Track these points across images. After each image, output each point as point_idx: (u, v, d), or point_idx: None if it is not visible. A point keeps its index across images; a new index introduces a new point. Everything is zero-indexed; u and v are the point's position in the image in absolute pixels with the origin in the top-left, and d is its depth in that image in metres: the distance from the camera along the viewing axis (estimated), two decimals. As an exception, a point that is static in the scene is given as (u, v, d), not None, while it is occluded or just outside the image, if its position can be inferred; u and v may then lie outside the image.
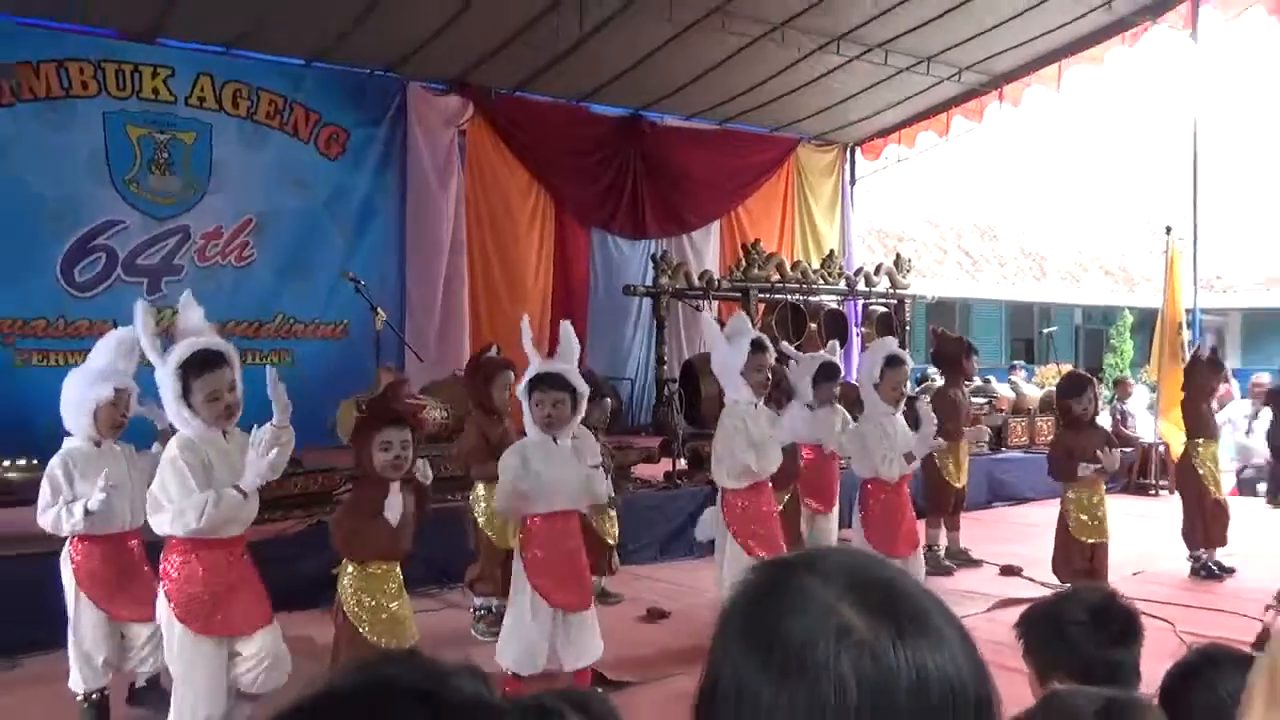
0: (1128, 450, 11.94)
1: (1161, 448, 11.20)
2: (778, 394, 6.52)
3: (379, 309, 7.57)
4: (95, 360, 4.46)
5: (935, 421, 6.03)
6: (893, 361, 5.86)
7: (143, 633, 4.33)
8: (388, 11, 9.57)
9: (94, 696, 4.33)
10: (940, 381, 8.41)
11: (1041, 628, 2.50)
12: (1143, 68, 15.02)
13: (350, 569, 4.16)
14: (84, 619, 4.27)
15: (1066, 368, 18.31)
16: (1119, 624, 2.44)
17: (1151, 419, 11.72)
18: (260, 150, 10.23)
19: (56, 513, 4.20)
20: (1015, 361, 14.44)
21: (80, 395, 4.34)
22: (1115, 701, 1.81)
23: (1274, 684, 1.09)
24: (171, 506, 3.77)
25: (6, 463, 6.95)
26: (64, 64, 9.24)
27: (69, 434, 4.39)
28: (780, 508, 6.12)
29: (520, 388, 4.66)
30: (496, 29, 10.19)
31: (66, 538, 4.32)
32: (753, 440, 5.37)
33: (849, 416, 6.92)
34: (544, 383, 4.55)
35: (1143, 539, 8.11)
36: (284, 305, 10.29)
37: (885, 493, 5.83)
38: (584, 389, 4.64)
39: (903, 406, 6.07)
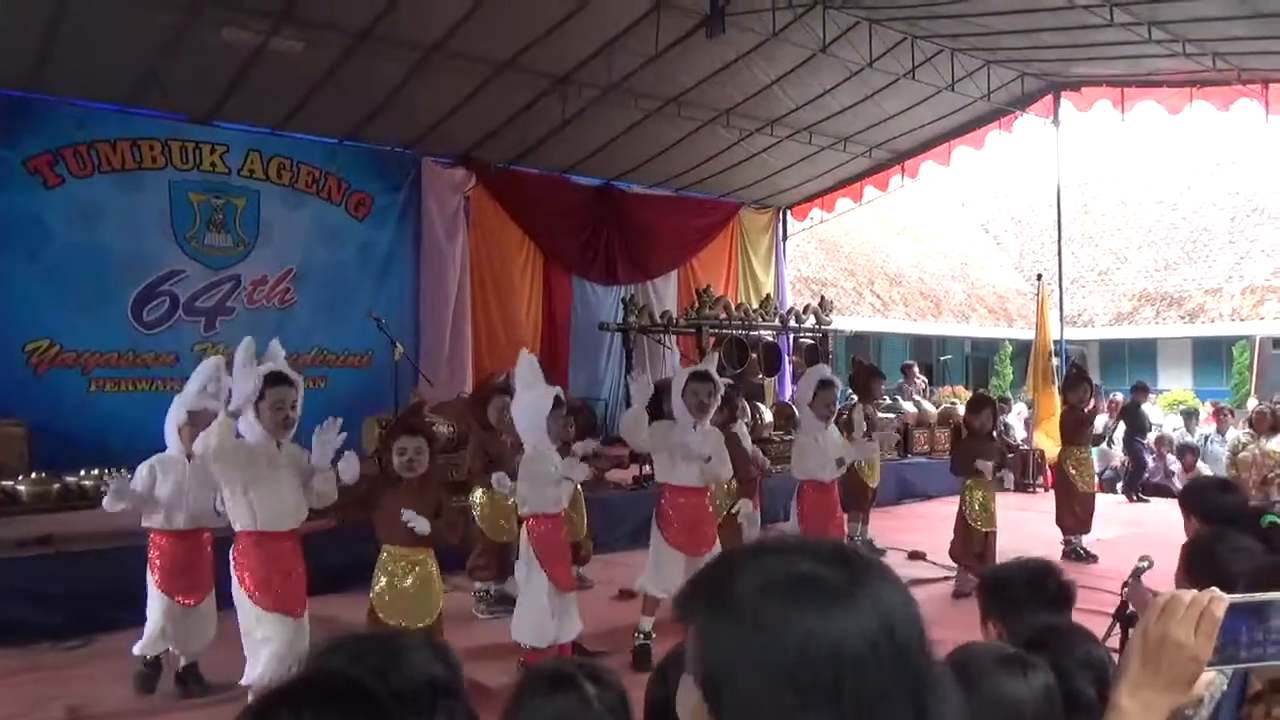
0: (1010, 456, 12.04)
1: (1037, 454, 11.28)
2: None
3: (398, 343, 7.50)
4: (186, 388, 4.43)
5: (865, 431, 6.03)
6: (824, 384, 5.85)
7: (194, 615, 4.27)
8: (405, 101, 9.57)
9: (148, 658, 4.31)
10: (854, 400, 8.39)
11: (992, 591, 2.42)
12: (1016, 146, 15.25)
13: (382, 550, 4.10)
14: (152, 597, 4.22)
15: (960, 389, 18.53)
16: (1053, 590, 2.35)
17: (1026, 430, 11.83)
18: (300, 212, 10.15)
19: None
20: (922, 379, 14.48)
21: (169, 418, 4.38)
22: (1012, 656, 1.76)
23: (1145, 645, 1.08)
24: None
25: (82, 472, 6.82)
26: (137, 142, 9.15)
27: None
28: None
29: (541, 409, 4.52)
30: (494, 115, 10.19)
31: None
32: (671, 451, 5.00)
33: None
34: (559, 405, 4.52)
35: (1023, 528, 8.14)
36: (319, 340, 10.16)
37: (818, 492, 5.82)
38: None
39: (832, 420, 6.03)
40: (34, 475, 5.61)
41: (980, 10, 8.74)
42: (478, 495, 5.81)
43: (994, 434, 6.67)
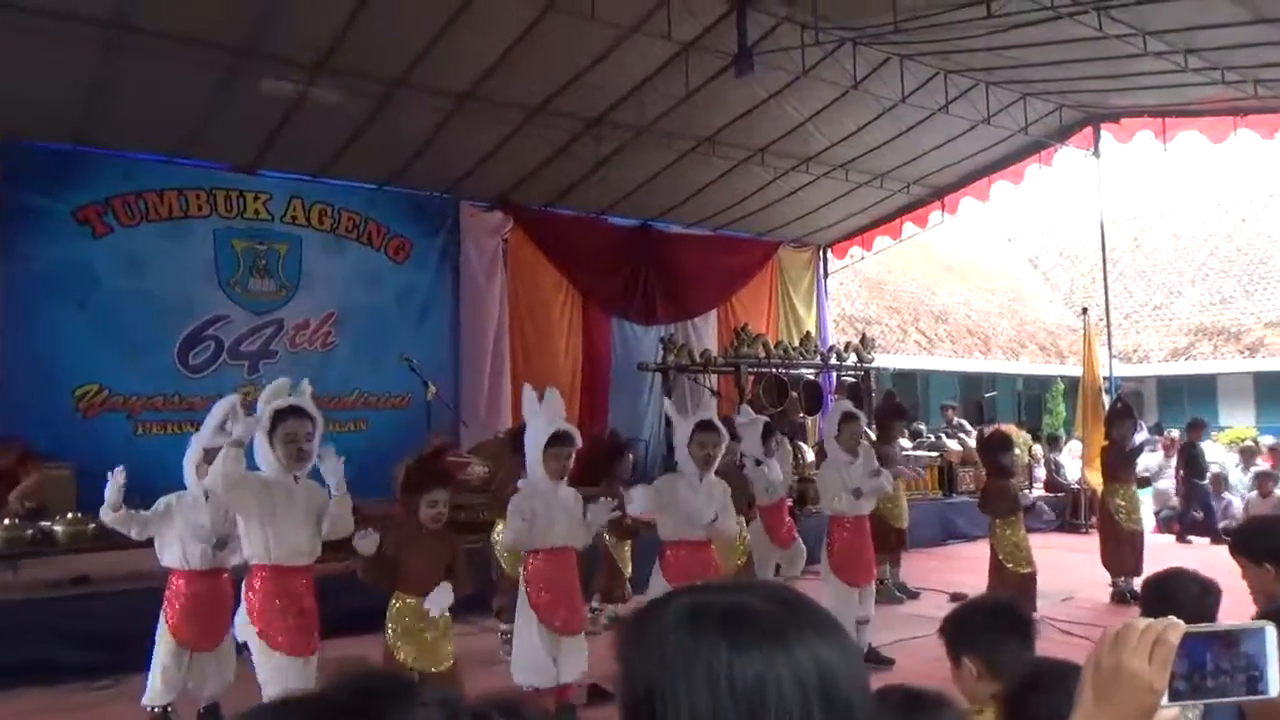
0: (1060, 494, 11.70)
1: (1088, 492, 10.95)
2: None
3: (430, 383, 7.53)
4: (203, 426, 4.45)
5: (874, 469, 5.88)
6: (848, 417, 5.74)
7: (210, 659, 4.23)
8: (441, 147, 9.72)
9: (157, 710, 4.21)
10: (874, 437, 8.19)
11: (956, 630, 2.45)
12: (1057, 180, 15.03)
13: (394, 599, 4.06)
14: (160, 640, 4.19)
15: (1011, 427, 18.13)
16: (1016, 620, 2.40)
17: (1079, 468, 11.49)
18: (341, 257, 10.31)
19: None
20: (960, 420, 14.17)
21: (188, 455, 4.45)
22: (918, 697, 1.78)
23: (1097, 677, 1.01)
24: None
25: (127, 514, 6.90)
26: (183, 191, 9.39)
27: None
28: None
29: (539, 442, 4.50)
30: (529, 159, 10.30)
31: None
32: (679, 509, 4.84)
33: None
34: (564, 440, 4.46)
35: (1073, 569, 7.87)
36: (360, 383, 10.26)
37: (847, 530, 5.68)
38: (579, 441, 4.54)
39: (861, 455, 5.88)
40: (70, 516, 5.66)
41: (1012, 43, 8.65)
42: (498, 533, 5.77)
43: (1015, 470, 6.47)
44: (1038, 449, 13.48)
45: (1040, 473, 12.72)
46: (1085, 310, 11.32)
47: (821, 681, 0.82)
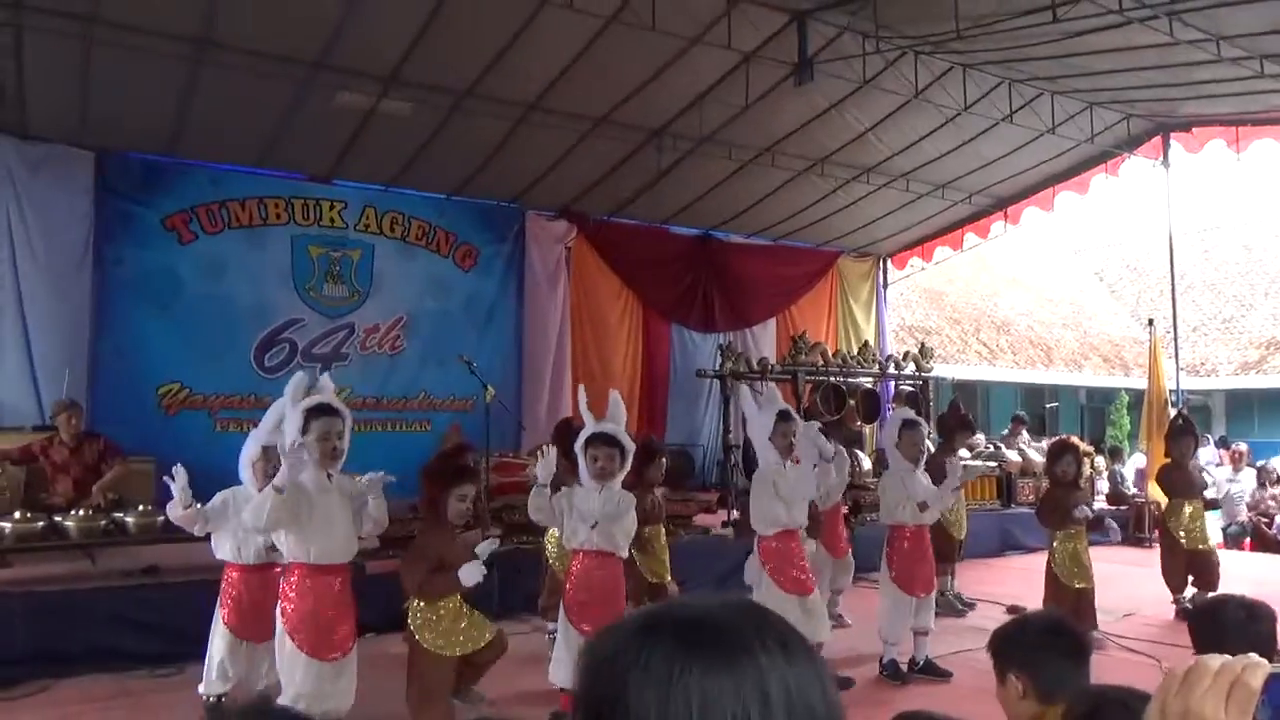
0: (1123, 508, 11.19)
1: (1152, 506, 10.44)
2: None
3: (488, 385, 7.45)
4: (261, 424, 4.41)
5: (958, 477, 5.66)
6: (909, 425, 5.51)
7: (263, 651, 4.19)
8: (508, 157, 9.70)
9: (212, 699, 4.18)
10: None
11: (1006, 645, 2.32)
12: (1124, 190, 14.39)
13: (415, 603, 3.95)
14: (215, 633, 4.16)
15: (1074, 439, 17.49)
16: (1069, 640, 2.22)
17: (1143, 481, 10.97)
18: (411, 264, 10.37)
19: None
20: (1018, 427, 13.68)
21: (244, 453, 4.35)
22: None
23: None
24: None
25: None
26: (263, 200, 9.54)
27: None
28: None
29: (578, 443, 4.42)
30: (594, 169, 10.24)
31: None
32: (780, 495, 5.01)
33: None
34: (599, 440, 4.33)
35: (1136, 585, 7.45)
36: (426, 385, 10.30)
37: (907, 539, 5.44)
38: (630, 446, 4.40)
39: (923, 464, 5.64)
40: (141, 508, 5.71)
41: (1079, 50, 8.28)
42: (552, 534, 5.66)
43: (1076, 482, 6.10)
44: (1100, 461, 12.92)
45: (1103, 485, 12.19)
46: (1151, 322, 10.80)
47: (786, 699, 0.74)
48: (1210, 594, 6.79)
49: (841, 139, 10.12)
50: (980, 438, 11.92)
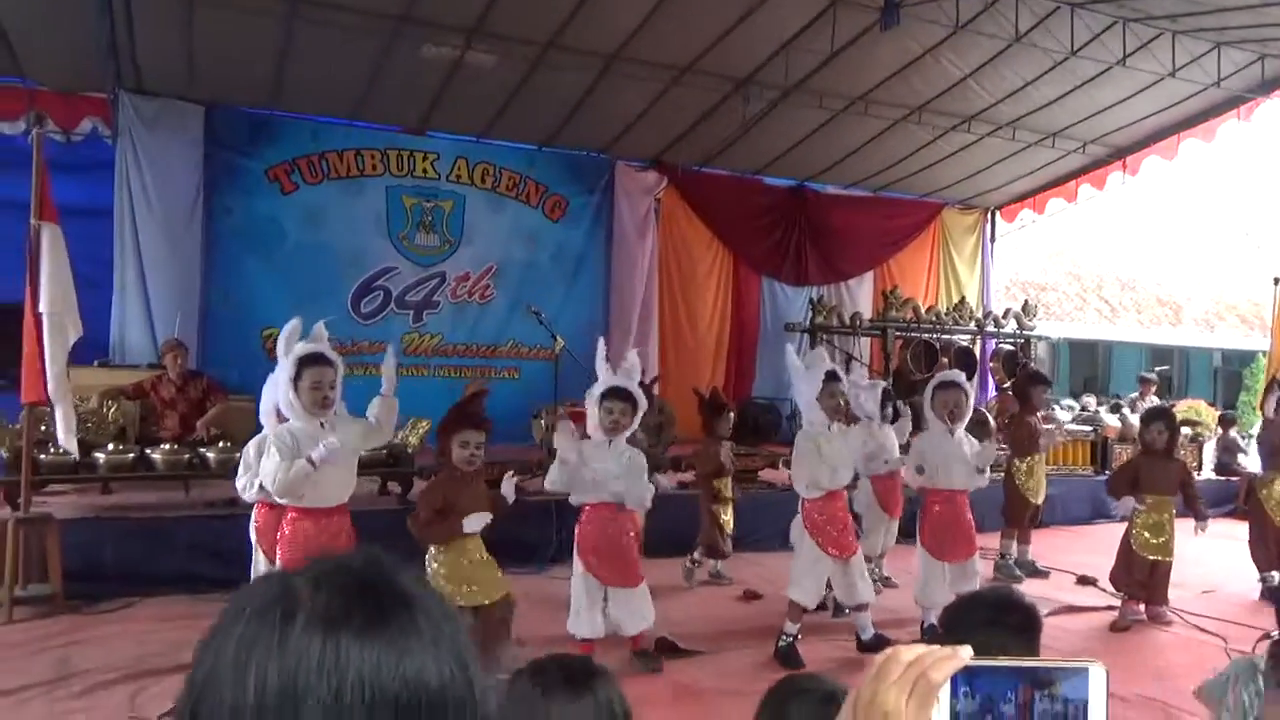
0: (1234, 479, 10.44)
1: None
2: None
3: (557, 336, 7.50)
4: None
5: (996, 439, 5.39)
6: (944, 385, 5.23)
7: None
8: (595, 107, 9.63)
9: None
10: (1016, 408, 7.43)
11: (954, 617, 2.21)
12: (1259, 137, 13.09)
13: (432, 549, 4.00)
14: (258, 568, 4.35)
15: (1201, 404, 16.32)
16: (1018, 615, 2.09)
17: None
18: (501, 214, 10.49)
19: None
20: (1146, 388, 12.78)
21: (264, 402, 4.37)
22: (835, 694, 1.57)
23: (855, 713, 0.78)
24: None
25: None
26: (360, 151, 9.80)
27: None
28: None
29: (592, 395, 4.35)
30: (681, 119, 10.06)
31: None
32: (825, 458, 4.84)
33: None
34: (615, 394, 4.29)
35: (1225, 560, 6.94)
36: (514, 334, 10.46)
37: (941, 503, 5.21)
38: (644, 402, 4.34)
39: (962, 425, 5.36)
40: (220, 445, 6.05)
41: (1201, -14, 7.55)
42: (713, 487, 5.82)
43: (1170, 452, 5.66)
44: (1221, 430, 12.04)
45: (1209, 455, 11.37)
46: (1277, 280, 9.88)
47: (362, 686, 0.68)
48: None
49: (938, 86, 9.58)
50: (1072, 400, 11.29)
